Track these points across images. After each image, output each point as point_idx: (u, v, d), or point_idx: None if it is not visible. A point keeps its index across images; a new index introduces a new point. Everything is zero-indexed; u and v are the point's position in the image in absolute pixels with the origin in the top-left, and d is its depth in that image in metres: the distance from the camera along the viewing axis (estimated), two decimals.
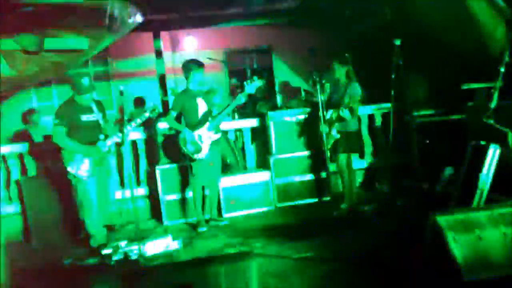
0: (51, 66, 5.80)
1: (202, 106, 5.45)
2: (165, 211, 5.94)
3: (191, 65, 5.43)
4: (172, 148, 5.81)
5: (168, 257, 4.61)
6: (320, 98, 5.41)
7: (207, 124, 5.40)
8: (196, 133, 5.36)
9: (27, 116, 7.15)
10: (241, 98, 5.39)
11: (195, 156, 5.35)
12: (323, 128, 5.40)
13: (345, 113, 5.17)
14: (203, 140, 5.37)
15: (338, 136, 5.39)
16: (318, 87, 5.43)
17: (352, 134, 5.49)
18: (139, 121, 5.01)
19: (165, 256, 4.66)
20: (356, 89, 5.31)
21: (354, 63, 5.50)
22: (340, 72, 5.44)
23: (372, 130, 6.83)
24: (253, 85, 5.37)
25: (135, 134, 6.25)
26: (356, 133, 5.66)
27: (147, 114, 5.03)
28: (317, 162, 6.20)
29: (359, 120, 6.29)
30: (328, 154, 5.51)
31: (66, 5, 5.23)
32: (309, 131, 6.26)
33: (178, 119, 5.48)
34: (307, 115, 6.35)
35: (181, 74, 5.62)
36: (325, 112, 5.42)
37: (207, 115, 5.45)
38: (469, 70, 5.48)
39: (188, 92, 5.46)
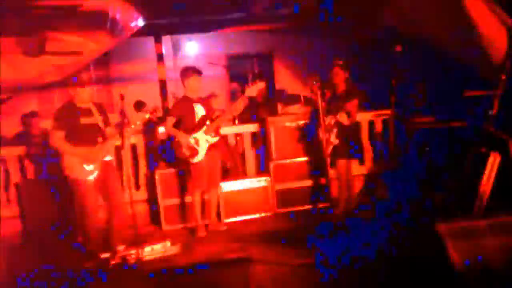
0: (53, 69, 5.81)
1: (200, 112, 5.44)
2: (164, 216, 5.92)
3: (188, 72, 5.43)
4: (171, 152, 5.80)
5: (167, 262, 4.59)
6: (320, 104, 5.40)
7: (204, 128, 5.39)
8: (193, 137, 5.35)
9: (27, 118, 7.13)
10: (241, 102, 5.39)
11: (191, 160, 5.35)
12: (323, 134, 5.39)
13: (342, 117, 5.19)
14: (200, 144, 5.36)
15: (337, 142, 5.39)
16: (318, 93, 5.42)
17: (351, 140, 5.49)
18: (139, 123, 4.99)
19: (163, 261, 4.64)
20: (354, 94, 5.33)
21: (354, 69, 5.52)
22: (339, 78, 5.46)
23: (372, 136, 6.82)
24: (254, 88, 5.36)
25: (134, 138, 6.24)
26: (355, 139, 5.66)
27: (147, 116, 5.01)
28: (316, 168, 6.19)
29: (359, 125, 6.29)
30: (328, 159, 5.50)
31: (68, 8, 5.24)
32: (309, 137, 6.25)
33: (177, 125, 5.47)
34: (307, 121, 6.34)
35: None
36: (324, 118, 5.41)
37: (205, 119, 5.43)
38: (470, 77, 5.48)
39: (186, 99, 5.47)
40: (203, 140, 5.38)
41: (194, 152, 5.34)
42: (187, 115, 5.40)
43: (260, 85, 5.39)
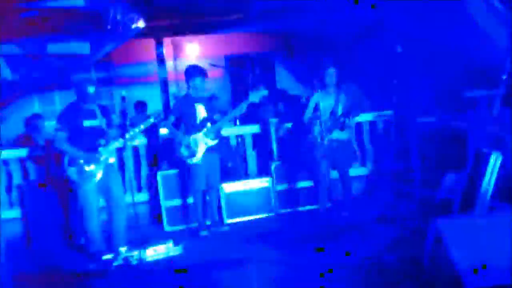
0: (54, 71, 5.83)
1: (201, 112, 5.45)
2: (166, 217, 5.93)
3: (193, 72, 5.44)
4: (173, 154, 5.81)
5: (169, 263, 4.60)
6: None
7: (204, 130, 5.40)
8: (192, 137, 5.36)
9: (30, 120, 7.14)
10: (243, 107, 5.40)
11: (189, 161, 5.36)
12: (322, 136, 5.40)
13: (352, 121, 5.22)
14: (199, 145, 5.37)
15: (334, 144, 5.41)
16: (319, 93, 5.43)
17: (345, 142, 5.52)
18: (142, 127, 4.99)
19: (166, 261, 4.65)
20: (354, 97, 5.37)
21: (354, 69, 5.52)
22: (332, 79, 5.46)
23: (374, 137, 6.82)
24: (257, 94, 5.37)
25: (136, 140, 6.23)
26: (349, 141, 5.69)
27: (151, 120, 5.00)
28: (318, 169, 6.18)
29: (361, 126, 6.32)
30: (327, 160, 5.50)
31: (69, 10, 5.26)
32: (310, 137, 6.25)
33: (177, 124, 5.48)
34: (307, 122, 6.33)
35: (183, 80, 5.63)
36: (322, 120, 5.42)
37: (205, 121, 5.44)
38: (471, 77, 5.49)
39: (188, 98, 5.48)
40: (202, 142, 5.38)
41: (192, 153, 5.35)
42: (188, 114, 5.41)
43: (263, 91, 5.40)
